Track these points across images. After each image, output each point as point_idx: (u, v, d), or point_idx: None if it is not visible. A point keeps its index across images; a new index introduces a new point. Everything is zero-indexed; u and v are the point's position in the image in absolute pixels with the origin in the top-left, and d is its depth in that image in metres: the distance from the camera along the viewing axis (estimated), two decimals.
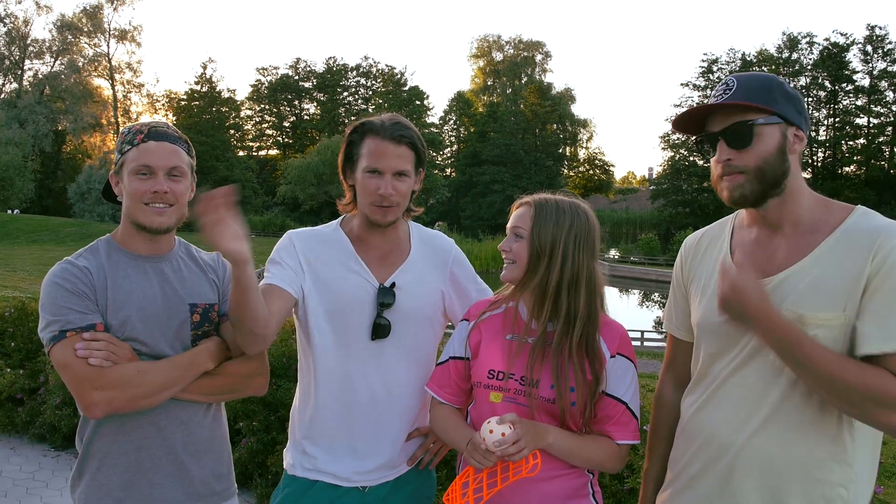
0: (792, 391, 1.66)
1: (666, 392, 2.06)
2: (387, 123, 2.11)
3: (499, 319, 2.06)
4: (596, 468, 1.99)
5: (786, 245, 1.73)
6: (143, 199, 1.99)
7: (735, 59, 64.99)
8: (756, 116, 1.69)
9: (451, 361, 2.10)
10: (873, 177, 59.38)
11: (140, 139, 2.00)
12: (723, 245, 1.88)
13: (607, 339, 1.97)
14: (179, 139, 2.07)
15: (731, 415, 1.73)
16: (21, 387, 6.02)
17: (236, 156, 71.74)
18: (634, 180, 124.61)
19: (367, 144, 2.11)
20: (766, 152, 1.69)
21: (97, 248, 2.06)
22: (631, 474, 3.29)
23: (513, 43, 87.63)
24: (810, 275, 1.65)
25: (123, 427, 1.98)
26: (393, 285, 2.16)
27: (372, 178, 2.09)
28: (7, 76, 70.83)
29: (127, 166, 2.00)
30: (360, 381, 2.15)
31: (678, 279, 2.02)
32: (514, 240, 1.99)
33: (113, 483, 1.98)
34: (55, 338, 1.88)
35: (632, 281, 40.74)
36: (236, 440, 4.77)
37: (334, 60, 79.65)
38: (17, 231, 48.64)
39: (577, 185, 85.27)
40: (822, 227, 1.69)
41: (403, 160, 2.10)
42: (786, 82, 1.73)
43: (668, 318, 2.07)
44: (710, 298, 1.82)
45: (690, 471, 1.83)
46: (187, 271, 2.13)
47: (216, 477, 2.14)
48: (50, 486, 5.03)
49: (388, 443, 2.18)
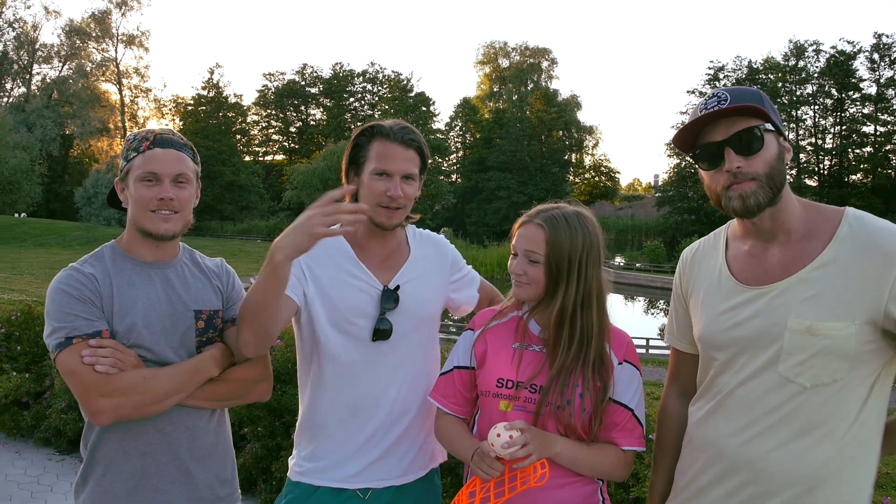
0: (800, 403, 1.65)
1: (670, 404, 2.05)
2: (395, 127, 2.13)
3: (505, 329, 2.05)
4: (603, 477, 1.99)
5: (781, 254, 1.72)
6: (148, 206, 1.99)
7: (741, 67, 64.87)
8: (759, 123, 1.69)
9: (455, 371, 2.08)
10: (880, 185, 59.12)
11: (146, 146, 2.00)
12: (718, 257, 1.87)
13: (614, 347, 1.98)
14: (185, 146, 2.08)
15: (738, 427, 1.72)
16: (27, 390, 6.02)
17: (242, 161, 71.84)
18: (640, 187, 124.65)
19: (375, 147, 2.12)
20: (772, 158, 1.69)
21: (102, 255, 2.06)
22: (636, 483, 3.27)
23: (519, 49, 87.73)
24: (815, 283, 1.64)
25: (129, 433, 1.98)
26: (397, 288, 2.16)
27: (380, 179, 2.10)
28: (15, 80, 71.17)
29: (133, 173, 2.01)
30: (366, 383, 2.15)
31: (678, 292, 2.02)
32: (529, 264, 1.97)
33: (118, 489, 1.98)
34: (61, 344, 1.88)
35: (637, 288, 40.65)
36: (241, 446, 4.77)
37: (341, 66, 79.80)
38: (25, 234, 48.80)
39: (583, 192, 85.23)
40: (818, 234, 1.69)
41: (412, 163, 2.13)
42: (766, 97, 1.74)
43: (670, 330, 2.06)
44: (711, 312, 1.81)
45: (699, 482, 1.82)
46: (192, 278, 2.13)
47: (220, 482, 2.14)
48: (55, 489, 5.03)
49: (393, 445, 2.17)
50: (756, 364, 1.70)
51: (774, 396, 1.67)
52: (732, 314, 1.76)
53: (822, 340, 1.60)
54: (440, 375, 2.14)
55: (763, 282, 1.72)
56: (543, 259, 1.94)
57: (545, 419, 1.91)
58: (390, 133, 2.11)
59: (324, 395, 2.17)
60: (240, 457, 4.71)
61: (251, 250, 45.65)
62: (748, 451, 1.70)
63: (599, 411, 1.93)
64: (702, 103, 1.74)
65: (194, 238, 52.03)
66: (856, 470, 1.66)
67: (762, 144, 1.68)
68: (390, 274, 2.20)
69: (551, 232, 1.94)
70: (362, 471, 2.15)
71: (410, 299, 2.18)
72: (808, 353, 1.62)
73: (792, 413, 1.65)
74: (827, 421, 1.64)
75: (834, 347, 1.60)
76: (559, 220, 1.96)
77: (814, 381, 1.63)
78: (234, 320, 2.13)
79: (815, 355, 1.62)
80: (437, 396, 2.10)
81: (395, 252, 2.25)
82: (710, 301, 1.84)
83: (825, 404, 1.63)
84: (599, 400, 1.92)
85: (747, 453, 1.70)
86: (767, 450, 1.67)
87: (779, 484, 1.66)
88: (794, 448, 1.65)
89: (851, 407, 1.64)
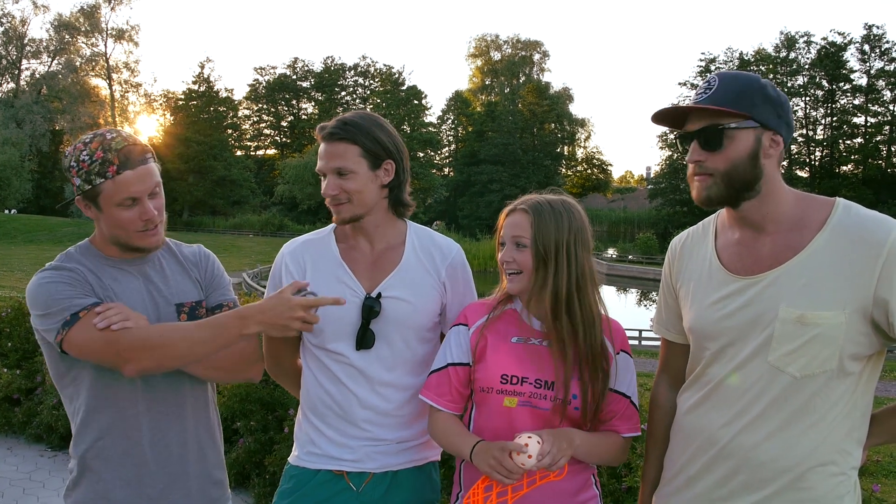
0: (789, 393, 1.66)
1: (661, 393, 2.06)
2: (329, 123, 2.10)
3: (502, 323, 2.03)
4: (606, 464, 2.02)
5: (772, 243, 1.72)
6: (133, 228, 1.94)
7: (733, 59, 64.96)
8: (729, 121, 1.68)
9: (450, 368, 2.03)
10: (870, 176, 59.40)
11: (113, 171, 1.88)
12: (707, 247, 1.87)
13: (611, 337, 2.00)
14: (147, 154, 1.96)
15: (729, 417, 1.73)
16: (18, 387, 6.01)
17: (234, 155, 71.59)
18: (632, 179, 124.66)
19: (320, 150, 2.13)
20: (737, 156, 1.69)
21: (76, 254, 2.01)
22: (629, 473, 3.29)
23: (511, 42, 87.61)
24: (806, 272, 1.65)
25: (118, 442, 1.96)
26: (379, 295, 2.11)
27: (323, 180, 2.10)
28: (4, 76, 70.56)
29: (105, 198, 1.90)
30: (351, 386, 2.12)
31: (667, 282, 2.01)
32: (516, 249, 1.96)
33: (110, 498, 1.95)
34: (67, 323, 1.83)
35: (629, 280, 40.81)
36: (234, 440, 4.77)
37: (332, 60, 79.55)
38: (15, 231, 48.56)
39: (575, 185, 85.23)
40: (808, 224, 1.69)
41: (341, 158, 2.05)
42: (770, 85, 1.71)
43: (659, 320, 2.05)
44: (701, 302, 1.82)
45: (689, 471, 1.83)
46: (170, 270, 2.10)
47: (213, 483, 2.13)
48: (46, 486, 5.02)
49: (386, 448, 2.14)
50: (746, 353, 1.71)
51: (764, 386, 1.68)
52: (723, 304, 1.76)
53: (813, 329, 1.61)
54: (431, 373, 2.07)
55: (753, 271, 1.72)
56: (530, 242, 1.94)
57: (553, 414, 1.91)
58: (322, 131, 2.10)
59: (319, 387, 2.16)
60: (233, 451, 4.70)
61: (243, 245, 45.58)
62: (738, 441, 1.71)
63: (601, 402, 1.95)
64: (700, 87, 1.76)
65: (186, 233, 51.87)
66: (844, 459, 1.68)
67: (722, 144, 1.69)
68: (378, 278, 2.14)
69: (535, 215, 1.95)
70: (360, 458, 2.12)
71: (397, 306, 2.11)
72: (798, 343, 1.63)
73: (781, 402, 1.66)
74: (815, 410, 1.65)
75: (824, 336, 1.61)
76: (543, 204, 1.97)
77: (803, 372, 1.64)
78: (220, 306, 2.11)
79: (805, 344, 1.63)
80: (429, 394, 2.04)
81: (388, 254, 2.18)
82: (700, 291, 1.84)
83: (815, 394, 1.65)
84: (602, 391, 1.94)
85: (738, 442, 1.71)
86: (757, 439, 1.69)
87: (768, 473, 1.68)
88: (784, 437, 1.66)
89: (840, 397, 1.65)
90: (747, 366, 1.71)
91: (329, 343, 2.12)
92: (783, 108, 1.71)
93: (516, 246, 1.96)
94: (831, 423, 1.66)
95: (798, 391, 1.65)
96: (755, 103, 1.68)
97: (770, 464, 1.67)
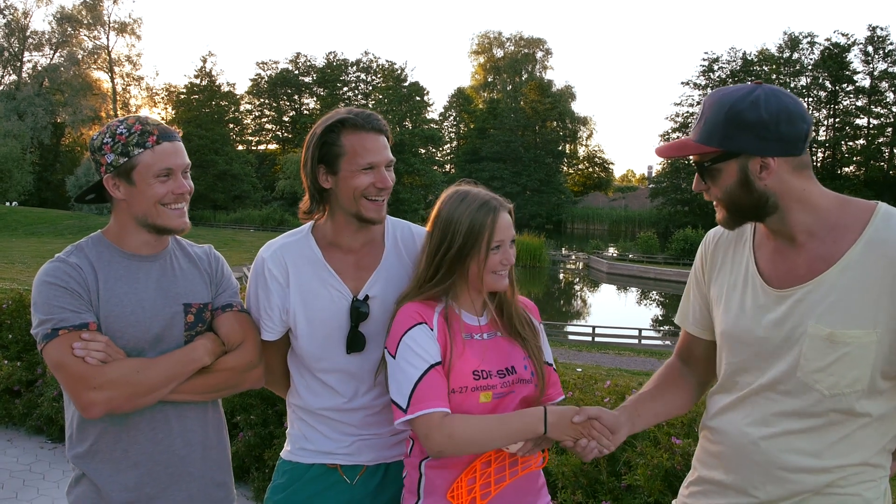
0: (819, 409, 1.63)
1: (675, 364, 2.03)
2: (362, 116, 2.03)
3: (448, 321, 1.97)
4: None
5: (806, 254, 1.67)
6: (163, 201, 1.95)
7: (736, 59, 64.97)
8: (707, 157, 1.68)
9: (434, 370, 1.89)
10: (873, 177, 59.42)
11: (153, 141, 1.93)
12: (745, 252, 1.82)
13: (530, 312, 2.12)
14: (179, 135, 2.05)
15: (757, 426, 1.71)
16: (18, 378, 6.01)
17: (235, 150, 71.76)
18: (634, 178, 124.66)
19: (348, 140, 2.00)
20: (728, 187, 1.68)
21: (87, 246, 2.01)
22: (628, 471, 3.29)
23: (513, 40, 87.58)
24: (837, 288, 1.60)
25: (119, 443, 1.96)
26: (366, 298, 2.09)
27: (366, 173, 2.00)
28: (6, 68, 70.62)
29: (142, 170, 1.92)
30: (343, 389, 2.12)
31: (698, 277, 1.96)
32: (512, 247, 2.01)
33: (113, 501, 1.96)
34: (48, 336, 1.84)
35: (630, 279, 40.70)
36: (233, 434, 4.78)
37: (334, 55, 79.62)
38: (16, 223, 48.58)
39: (577, 183, 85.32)
40: (844, 233, 1.63)
41: (388, 150, 2.07)
42: (752, 105, 1.60)
43: (684, 314, 2.00)
44: (736, 309, 1.78)
45: (717, 475, 1.81)
46: (180, 270, 2.09)
47: (217, 485, 2.12)
48: (47, 477, 5.03)
49: (379, 441, 2.15)
50: (777, 365, 1.68)
51: (794, 398, 1.65)
52: (757, 315, 1.72)
53: (842, 348, 1.58)
54: (418, 383, 1.88)
55: (787, 283, 1.68)
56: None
57: (520, 397, 1.96)
58: (362, 123, 2.01)
59: (310, 389, 2.16)
60: (233, 445, 4.71)
61: (244, 240, 45.56)
62: (767, 446, 1.69)
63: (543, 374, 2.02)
64: (696, 114, 1.78)
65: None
66: (875, 467, 1.66)
67: (711, 177, 1.70)
68: (362, 278, 2.11)
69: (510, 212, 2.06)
70: (353, 451, 2.13)
71: (383, 307, 2.09)
72: (828, 360, 1.60)
73: (811, 414, 1.64)
74: (846, 424, 1.62)
75: (853, 355, 1.57)
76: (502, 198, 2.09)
77: (832, 391, 1.60)
78: (224, 308, 2.11)
79: (835, 362, 1.59)
80: (433, 404, 1.86)
81: (369, 252, 2.14)
82: (735, 297, 1.80)
83: (844, 412, 1.62)
84: (541, 365, 2.02)
85: (767, 447, 1.69)
86: (787, 446, 1.67)
87: (797, 478, 1.66)
88: (814, 445, 1.64)
89: (872, 411, 1.62)
90: (778, 377, 1.68)
91: (319, 348, 2.10)
92: (767, 129, 1.59)
93: (511, 243, 2.01)
94: (862, 434, 1.63)
95: (828, 408, 1.62)
96: (728, 135, 1.63)
97: (799, 470, 1.66)
